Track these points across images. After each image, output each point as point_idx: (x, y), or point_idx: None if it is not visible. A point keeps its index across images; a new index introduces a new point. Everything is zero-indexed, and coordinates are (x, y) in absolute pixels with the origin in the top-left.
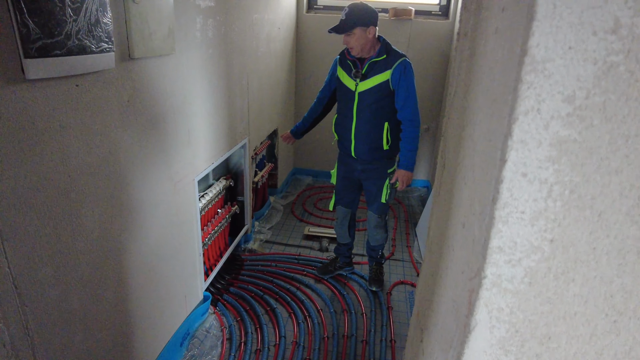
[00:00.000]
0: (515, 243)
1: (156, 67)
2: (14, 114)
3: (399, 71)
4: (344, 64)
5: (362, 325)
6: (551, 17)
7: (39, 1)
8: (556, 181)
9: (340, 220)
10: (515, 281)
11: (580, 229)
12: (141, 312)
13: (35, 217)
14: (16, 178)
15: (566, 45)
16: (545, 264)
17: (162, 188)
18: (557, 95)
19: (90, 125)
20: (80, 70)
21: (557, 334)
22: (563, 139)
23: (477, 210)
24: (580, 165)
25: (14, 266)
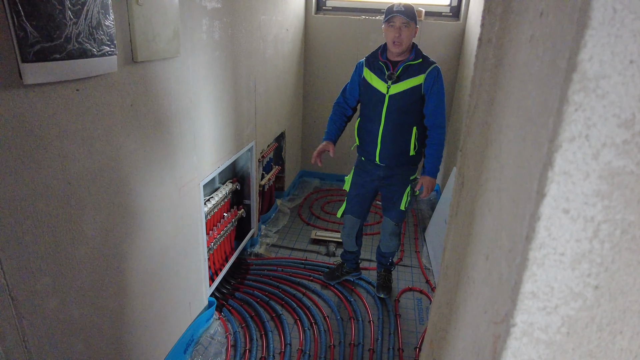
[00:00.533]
0: (552, 288)
1: (161, 70)
2: (11, 120)
3: (433, 77)
4: (374, 66)
5: (370, 333)
6: (610, 24)
7: (38, 4)
8: (605, 219)
9: (348, 230)
10: (551, 331)
11: (632, 274)
12: (144, 319)
13: (34, 226)
14: (14, 186)
15: (627, 59)
16: (588, 312)
17: (167, 193)
18: (611, 118)
19: (91, 130)
20: (81, 75)
21: None
22: (616, 170)
23: (505, 246)
24: (637, 201)
25: (10, 277)
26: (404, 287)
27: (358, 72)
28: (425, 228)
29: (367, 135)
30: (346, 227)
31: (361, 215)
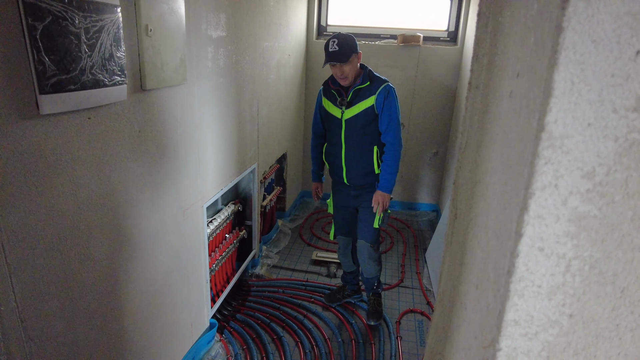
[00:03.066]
0: (532, 317)
1: (168, 97)
2: (27, 148)
3: (383, 96)
4: (328, 94)
5: (371, 355)
6: (569, 93)
7: (56, 39)
8: (575, 256)
9: (342, 250)
10: (532, 355)
11: (601, 304)
12: (147, 341)
13: (44, 250)
14: (26, 212)
15: (585, 122)
16: (565, 338)
17: (171, 216)
18: (576, 171)
19: (101, 156)
20: (93, 104)
21: None
22: (582, 214)
23: (491, 278)
24: (601, 241)
25: (20, 300)
26: (405, 308)
27: (318, 101)
28: (425, 249)
29: (333, 158)
30: (340, 247)
31: (351, 233)
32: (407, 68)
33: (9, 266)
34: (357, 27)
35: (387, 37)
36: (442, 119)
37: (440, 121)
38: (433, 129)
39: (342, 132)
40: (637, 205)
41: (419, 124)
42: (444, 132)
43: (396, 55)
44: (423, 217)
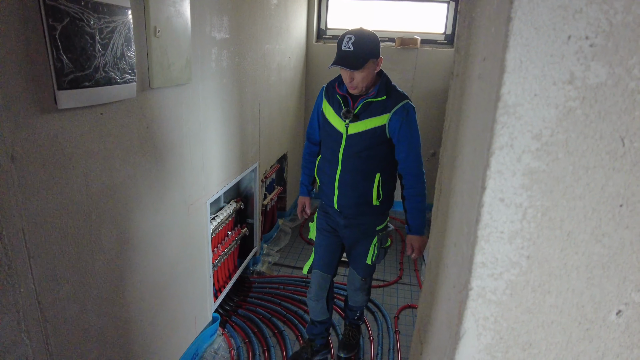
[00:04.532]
0: (497, 259)
1: (174, 96)
2: (46, 140)
3: (400, 117)
4: (332, 99)
5: (370, 349)
6: (518, 70)
7: (73, 39)
8: (530, 205)
9: (315, 291)
10: (498, 293)
11: (552, 246)
12: (153, 331)
13: (60, 237)
14: (44, 200)
15: (532, 93)
16: (524, 277)
17: (177, 211)
18: (527, 133)
19: (112, 150)
20: (105, 100)
21: (537, 341)
22: (533, 169)
23: (465, 231)
24: (550, 191)
25: (38, 283)
26: (404, 304)
27: (317, 103)
28: None
29: (325, 177)
30: (313, 287)
31: (331, 270)
32: (405, 70)
33: (28, 250)
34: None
35: (386, 40)
36: (439, 120)
37: (438, 122)
38: (431, 130)
39: (340, 149)
40: (576, 161)
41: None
42: (442, 133)
43: (394, 57)
44: None
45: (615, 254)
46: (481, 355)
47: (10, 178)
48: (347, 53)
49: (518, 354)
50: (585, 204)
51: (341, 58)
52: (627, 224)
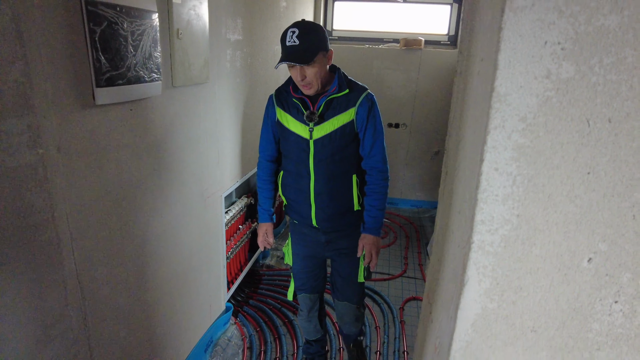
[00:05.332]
0: (493, 217)
1: (193, 94)
2: (85, 133)
3: (366, 108)
4: (287, 105)
5: (377, 337)
6: (508, 67)
7: (110, 40)
8: (518, 173)
9: (306, 313)
10: (494, 245)
11: (536, 207)
12: (173, 317)
13: (95, 222)
14: (83, 188)
15: (518, 85)
16: (515, 232)
17: (195, 203)
18: (515, 116)
19: (139, 144)
20: (134, 97)
21: (526, 285)
22: (520, 145)
23: (467, 197)
24: (533, 162)
25: (78, 264)
26: (408, 296)
27: (268, 115)
28: (427, 242)
29: (296, 194)
30: (303, 310)
31: (317, 289)
32: (409, 70)
33: (71, 232)
34: (362, 32)
35: (390, 41)
36: (442, 119)
37: (441, 121)
38: (434, 129)
39: (310, 158)
40: (553, 138)
41: (421, 125)
42: (445, 132)
43: (399, 58)
44: (425, 214)
45: (585, 212)
46: (481, 298)
47: (57, 166)
48: (293, 48)
49: (511, 296)
50: (561, 172)
51: (288, 54)
52: (594, 187)
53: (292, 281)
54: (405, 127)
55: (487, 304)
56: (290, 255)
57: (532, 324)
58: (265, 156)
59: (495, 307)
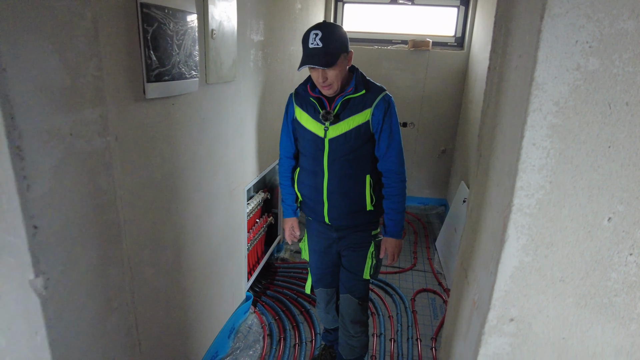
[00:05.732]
0: (530, 184)
1: (223, 91)
2: (136, 124)
3: (382, 109)
4: (305, 103)
5: (390, 326)
6: (545, 62)
7: (159, 40)
8: (551, 148)
9: (323, 306)
10: (531, 207)
11: (566, 175)
12: (202, 301)
13: (142, 207)
14: (134, 174)
15: (553, 76)
16: (548, 196)
17: (222, 195)
18: (550, 101)
19: (179, 137)
20: (177, 92)
21: (556, 241)
22: (554, 124)
23: (507, 170)
24: (564, 139)
25: (128, 245)
26: (419, 288)
27: (288, 112)
28: (435, 238)
29: (310, 191)
30: (321, 303)
31: (334, 284)
32: (417, 71)
33: (124, 216)
34: (370, 33)
35: (399, 42)
36: (449, 119)
37: (447, 121)
38: (441, 128)
39: (324, 156)
40: (580, 119)
41: (428, 124)
42: (452, 131)
43: (407, 59)
44: (432, 211)
45: (606, 179)
46: (519, 253)
47: (115, 154)
48: (316, 50)
49: (544, 251)
50: (587, 146)
51: (310, 57)
52: (614, 158)
53: (310, 275)
54: (413, 127)
55: (523, 257)
56: (307, 251)
57: (560, 274)
58: (286, 153)
59: (530, 260)
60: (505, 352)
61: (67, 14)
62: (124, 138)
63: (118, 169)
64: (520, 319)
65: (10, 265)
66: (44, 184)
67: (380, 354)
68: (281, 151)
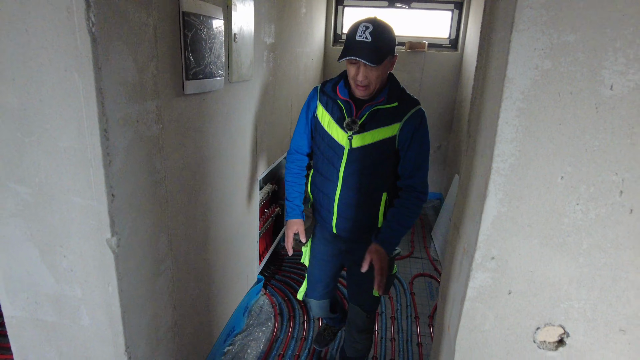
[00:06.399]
0: (504, 152)
1: (242, 89)
2: (176, 116)
3: (414, 126)
4: (330, 104)
5: (390, 305)
6: (514, 63)
7: (196, 43)
8: (519, 125)
9: (316, 311)
10: (506, 170)
11: (530, 145)
12: (223, 279)
13: (178, 189)
14: (173, 160)
15: (519, 73)
16: (517, 161)
17: (241, 182)
18: (517, 91)
19: (208, 129)
20: (207, 89)
21: (524, 195)
22: (520, 108)
23: (488, 143)
24: (528, 118)
25: (167, 222)
26: (416, 272)
27: (309, 108)
28: (431, 229)
29: (321, 197)
30: (313, 310)
31: (327, 295)
32: (414, 71)
33: (167, 194)
34: None
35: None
36: (444, 116)
37: (443, 118)
38: (437, 125)
39: (341, 166)
40: (539, 103)
41: None
42: (447, 127)
43: (404, 60)
44: (428, 204)
45: (558, 147)
46: (497, 205)
47: (160, 140)
48: (364, 44)
49: (515, 203)
50: (544, 124)
51: (356, 49)
52: (563, 133)
53: (306, 281)
54: None
55: (500, 208)
56: (307, 256)
57: (528, 221)
58: (299, 149)
59: (506, 210)
60: (488, 284)
61: (138, 24)
62: (168, 127)
63: (160, 153)
64: (499, 257)
65: (92, 227)
66: (119, 161)
67: (382, 330)
68: (293, 146)
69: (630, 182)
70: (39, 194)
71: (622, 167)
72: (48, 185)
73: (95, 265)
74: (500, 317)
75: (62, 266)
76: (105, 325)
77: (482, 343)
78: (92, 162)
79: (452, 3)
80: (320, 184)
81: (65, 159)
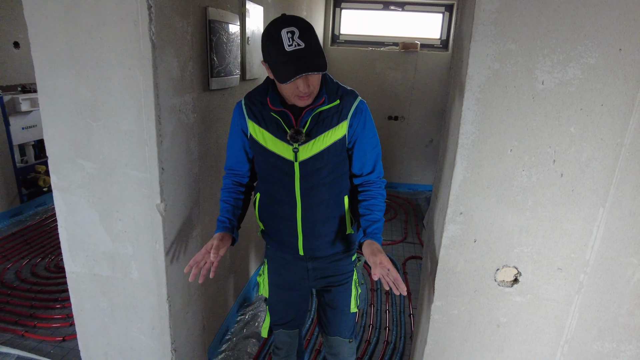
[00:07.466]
0: (467, 131)
1: (252, 86)
2: (203, 109)
3: (359, 118)
4: (263, 119)
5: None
6: (472, 64)
7: (219, 46)
8: (478, 110)
9: (284, 352)
10: (468, 144)
11: (486, 125)
12: (238, 254)
13: (204, 171)
14: (201, 145)
15: (476, 72)
16: (477, 137)
17: None
18: (475, 85)
19: (225, 120)
20: (227, 86)
21: (483, 164)
22: (478, 98)
23: (456, 125)
24: (483, 105)
25: (199, 195)
26: (408, 255)
27: (237, 127)
28: (423, 217)
29: (279, 222)
30: (280, 349)
31: (297, 323)
32: (407, 70)
33: (199, 174)
34: (365, 36)
35: (390, 44)
36: (436, 112)
37: (434, 114)
38: (428, 121)
39: (296, 183)
40: (492, 94)
41: (417, 117)
42: (438, 123)
43: (398, 59)
44: (420, 195)
45: (507, 127)
46: (463, 171)
47: (194, 127)
48: (302, 52)
49: (477, 170)
50: (496, 110)
51: (300, 63)
52: (510, 115)
53: (268, 315)
54: (403, 120)
55: (465, 174)
56: (265, 286)
57: (487, 183)
58: (236, 172)
59: (469, 175)
60: (458, 234)
61: (181, 31)
62: (198, 116)
63: (194, 138)
64: (466, 212)
65: (144, 194)
66: (167, 141)
67: (377, 303)
68: (226, 168)
69: (560, 153)
70: (102, 168)
71: (553, 141)
72: (110, 160)
73: (145, 226)
74: (468, 261)
75: (118, 228)
76: (151, 277)
77: (455, 282)
78: (147, 142)
79: (442, 6)
80: (273, 208)
81: (125, 139)
